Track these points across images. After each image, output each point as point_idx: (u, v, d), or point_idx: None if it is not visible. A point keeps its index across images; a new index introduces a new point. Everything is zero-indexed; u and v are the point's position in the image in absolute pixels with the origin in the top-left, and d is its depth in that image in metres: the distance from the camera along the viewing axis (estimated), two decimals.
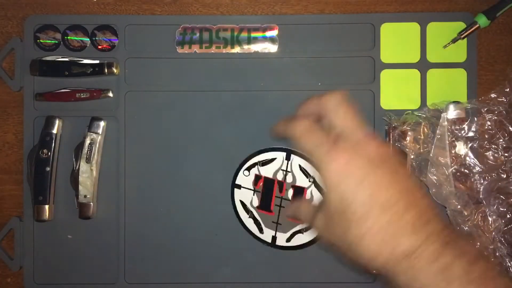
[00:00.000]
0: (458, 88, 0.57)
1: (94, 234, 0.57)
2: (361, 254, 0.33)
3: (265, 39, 0.57)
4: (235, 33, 0.57)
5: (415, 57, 0.57)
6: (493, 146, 0.55)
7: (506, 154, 0.55)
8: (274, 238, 0.57)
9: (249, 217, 0.57)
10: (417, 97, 0.57)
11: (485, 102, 0.55)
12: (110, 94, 0.57)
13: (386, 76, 0.57)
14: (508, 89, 0.54)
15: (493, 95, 0.55)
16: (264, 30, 0.57)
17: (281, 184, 0.57)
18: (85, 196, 0.55)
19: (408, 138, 0.55)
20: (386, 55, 0.57)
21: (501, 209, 0.55)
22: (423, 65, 0.57)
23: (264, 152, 0.57)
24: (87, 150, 0.55)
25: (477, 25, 0.55)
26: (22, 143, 0.57)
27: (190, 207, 0.57)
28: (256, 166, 0.57)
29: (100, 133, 0.56)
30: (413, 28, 0.57)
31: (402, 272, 0.31)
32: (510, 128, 0.55)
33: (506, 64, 0.58)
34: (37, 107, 0.57)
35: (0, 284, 0.58)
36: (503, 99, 0.54)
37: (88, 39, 0.57)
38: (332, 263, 0.56)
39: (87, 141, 0.55)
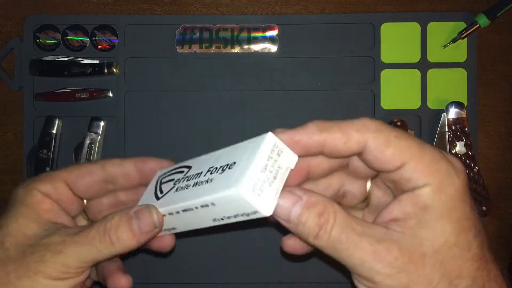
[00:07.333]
0: (458, 88, 0.57)
1: None
2: None
3: (265, 39, 0.57)
4: (235, 33, 0.57)
5: (415, 57, 0.57)
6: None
7: None
8: None
9: None
10: (417, 97, 0.57)
11: None
12: (110, 94, 0.57)
13: (386, 76, 0.57)
14: None
15: None
16: (264, 30, 0.57)
17: None
18: None
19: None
20: (386, 55, 0.57)
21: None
22: (423, 65, 0.57)
23: None
24: (87, 150, 0.55)
25: (478, 25, 0.55)
26: (22, 143, 0.57)
27: None
28: None
29: (100, 133, 0.56)
30: (413, 28, 0.57)
31: None
32: None
33: (506, 64, 0.58)
34: (37, 107, 0.57)
35: None
36: None
37: (88, 39, 0.57)
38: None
39: (87, 141, 0.55)
